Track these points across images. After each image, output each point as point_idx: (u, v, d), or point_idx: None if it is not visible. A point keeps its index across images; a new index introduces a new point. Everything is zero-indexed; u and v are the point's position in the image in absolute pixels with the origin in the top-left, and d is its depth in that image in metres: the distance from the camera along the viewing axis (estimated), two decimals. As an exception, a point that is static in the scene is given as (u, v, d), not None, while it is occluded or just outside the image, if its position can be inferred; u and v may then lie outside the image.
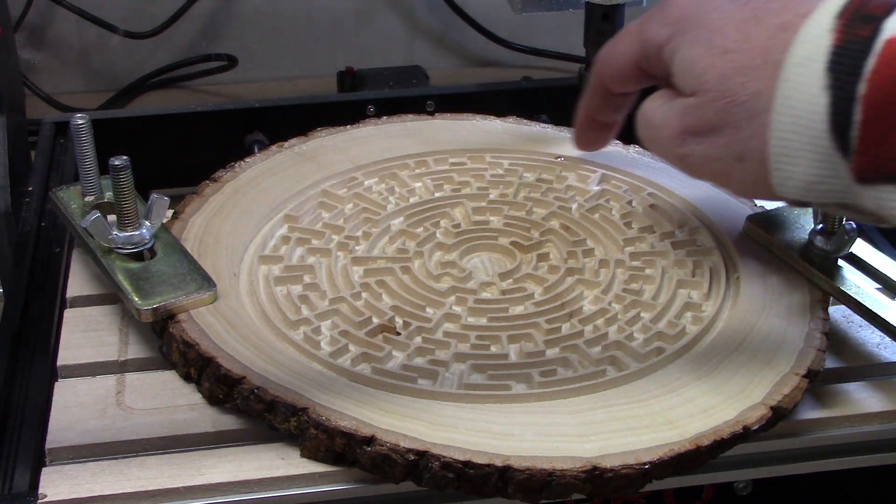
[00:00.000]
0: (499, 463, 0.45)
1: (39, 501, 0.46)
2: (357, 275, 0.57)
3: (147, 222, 0.56)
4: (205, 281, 0.54)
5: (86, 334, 0.55)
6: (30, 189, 0.72)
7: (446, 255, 0.60)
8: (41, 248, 0.66)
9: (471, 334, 0.53)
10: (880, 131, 0.43)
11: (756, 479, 0.52)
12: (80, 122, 0.56)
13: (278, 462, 0.48)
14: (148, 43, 1.11)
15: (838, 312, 0.57)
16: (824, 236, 0.57)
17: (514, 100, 0.89)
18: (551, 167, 0.66)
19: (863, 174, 0.44)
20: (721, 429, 0.47)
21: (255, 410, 0.48)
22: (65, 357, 0.53)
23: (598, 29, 0.78)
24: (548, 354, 0.52)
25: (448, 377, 0.50)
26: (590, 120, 0.62)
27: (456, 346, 0.52)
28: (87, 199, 0.59)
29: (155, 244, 0.56)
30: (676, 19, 0.51)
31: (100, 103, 1.08)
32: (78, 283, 0.59)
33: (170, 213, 0.60)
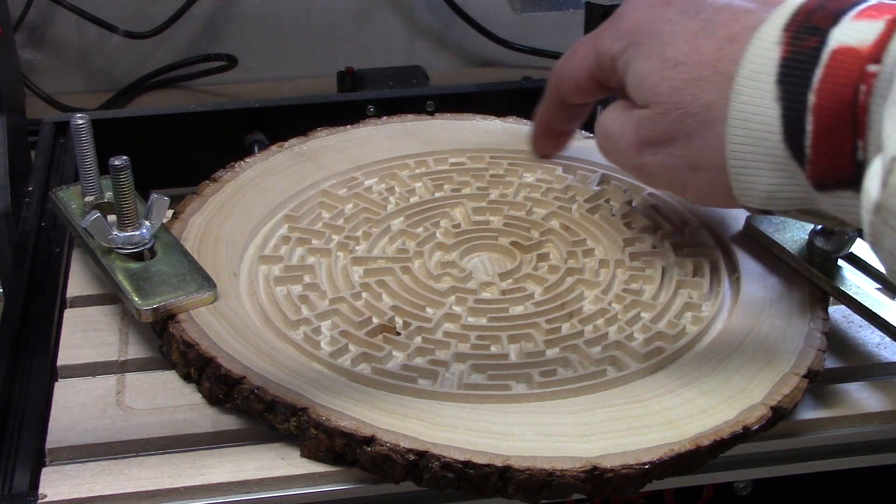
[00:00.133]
0: (499, 463, 0.45)
1: (39, 501, 0.46)
2: (357, 275, 0.57)
3: (147, 222, 0.56)
4: (205, 281, 0.54)
5: (86, 334, 0.55)
6: (30, 189, 0.72)
7: (446, 255, 0.60)
8: (41, 248, 0.66)
9: (471, 334, 0.53)
10: (832, 139, 0.44)
11: (756, 479, 0.52)
12: (80, 122, 0.56)
13: (278, 462, 0.48)
14: (148, 43, 1.11)
15: (838, 312, 0.57)
16: (824, 236, 0.57)
17: (514, 100, 0.89)
18: (551, 167, 0.66)
19: (819, 181, 0.45)
20: (721, 429, 0.47)
21: (255, 410, 0.48)
22: (65, 357, 0.53)
23: (598, 29, 0.78)
24: (548, 354, 0.52)
25: (448, 377, 0.50)
26: (546, 128, 0.64)
27: (456, 346, 0.52)
28: (87, 199, 0.59)
29: (155, 244, 0.56)
30: (629, 31, 0.53)
31: (100, 103, 1.08)
32: (78, 283, 0.59)
33: (170, 213, 0.60)
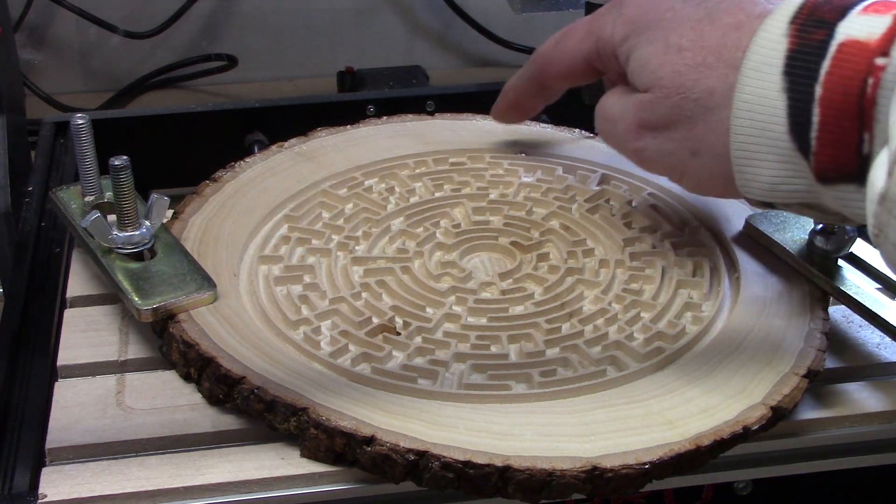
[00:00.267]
0: (499, 463, 0.45)
1: (39, 501, 0.46)
2: (357, 275, 0.57)
3: (147, 222, 0.56)
4: (205, 281, 0.54)
5: (86, 334, 0.55)
6: (30, 189, 0.72)
7: (446, 255, 0.60)
8: (41, 248, 0.66)
9: (471, 334, 0.53)
10: (838, 131, 0.44)
11: (756, 479, 0.52)
12: (80, 122, 0.56)
13: (278, 462, 0.48)
14: (148, 43, 1.11)
15: (838, 312, 0.57)
16: (824, 236, 0.57)
17: (514, 100, 0.89)
18: (551, 167, 0.66)
19: (823, 174, 0.45)
20: (721, 429, 0.47)
21: (255, 410, 0.48)
22: (65, 357, 0.53)
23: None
24: (548, 354, 0.52)
25: (448, 377, 0.50)
26: (515, 104, 0.64)
27: (456, 346, 0.52)
28: (87, 199, 0.59)
29: (155, 244, 0.56)
30: (632, 19, 0.53)
31: (100, 103, 1.08)
32: (78, 283, 0.59)
33: (170, 213, 0.60)
